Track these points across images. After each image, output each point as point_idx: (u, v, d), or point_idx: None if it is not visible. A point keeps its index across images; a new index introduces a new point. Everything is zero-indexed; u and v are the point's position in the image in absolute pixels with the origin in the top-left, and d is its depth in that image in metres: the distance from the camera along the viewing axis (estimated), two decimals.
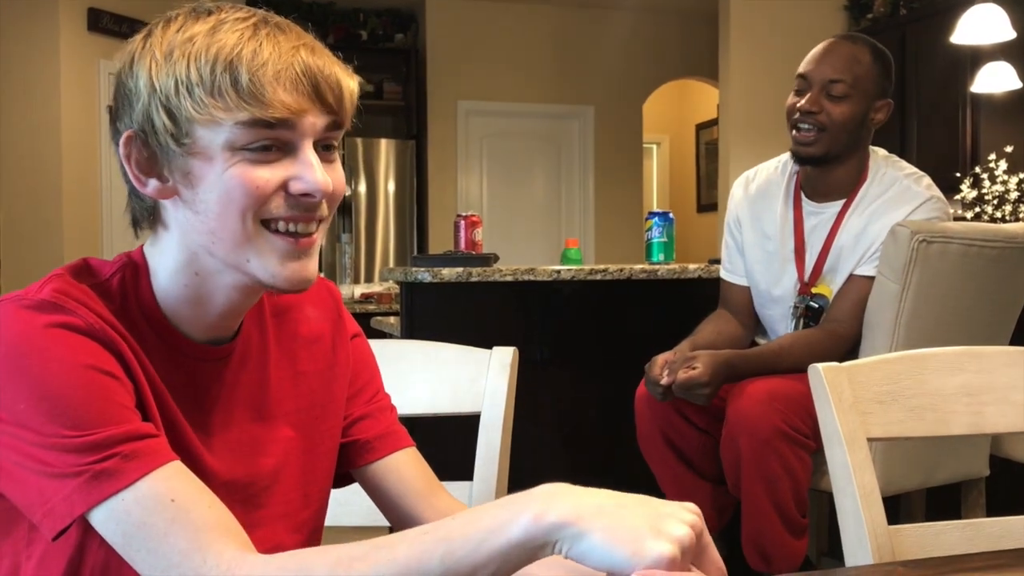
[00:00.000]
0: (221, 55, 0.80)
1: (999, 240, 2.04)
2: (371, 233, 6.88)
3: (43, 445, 0.76)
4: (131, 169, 0.85)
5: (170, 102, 0.81)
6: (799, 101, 2.15)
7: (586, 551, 0.69)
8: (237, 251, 0.84)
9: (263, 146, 0.82)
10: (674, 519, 0.69)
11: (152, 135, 0.82)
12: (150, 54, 0.83)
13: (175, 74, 0.81)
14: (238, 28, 0.82)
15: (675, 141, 9.19)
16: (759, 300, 2.33)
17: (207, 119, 0.80)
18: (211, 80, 0.80)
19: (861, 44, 2.16)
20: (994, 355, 1.20)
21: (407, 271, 2.66)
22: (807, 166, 2.20)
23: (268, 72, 0.81)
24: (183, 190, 0.84)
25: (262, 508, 0.92)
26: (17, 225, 5.15)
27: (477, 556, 0.71)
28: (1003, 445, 2.27)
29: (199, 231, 0.84)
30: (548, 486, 0.73)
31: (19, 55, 5.13)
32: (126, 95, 0.84)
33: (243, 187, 0.82)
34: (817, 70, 2.14)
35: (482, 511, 0.73)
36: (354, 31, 6.98)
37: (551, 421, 2.81)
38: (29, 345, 0.78)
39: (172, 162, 0.83)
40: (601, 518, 0.69)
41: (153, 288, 0.88)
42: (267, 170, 0.83)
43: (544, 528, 0.69)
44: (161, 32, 0.84)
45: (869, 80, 2.14)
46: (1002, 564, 0.92)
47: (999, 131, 4.85)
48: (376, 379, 1.07)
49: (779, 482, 1.95)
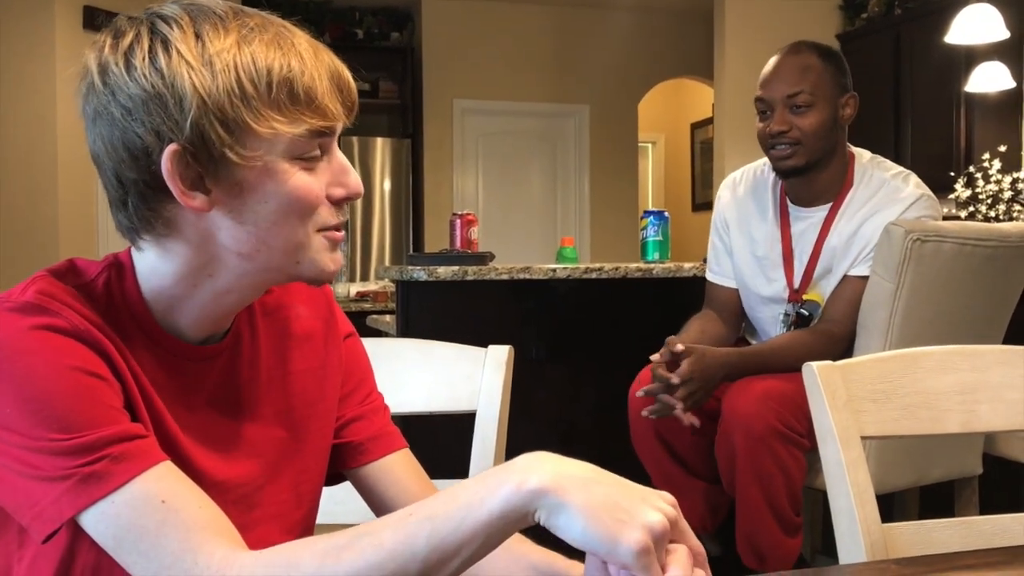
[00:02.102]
0: (273, 66, 0.80)
1: (993, 239, 2.04)
2: (367, 232, 6.87)
3: (31, 448, 0.76)
4: (177, 185, 0.80)
5: (225, 114, 0.79)
6: (767, 125, 2.16)
7: (563, 525, 0.69)
8: (286, 257, 0.85)
9: (315, 155, 0.83)
10: (649, 505, 0.70)
11: (202, 148, 0.79)
12: (183, 63, 0.78)
13: (226, 86, 0.78)
14: (266, 37, 0.81)
15: (670, 140, 9.19)
16: (749, 302, 2.33)
17: (268, 131, 0.80)
18: (267, 92, 0.80)
19: (806, 51, 2.16)
20: (987, 353, 1.20)
21: (403, 270, 2.66)
22: (791, 179, 2.21)
23: (318, 81, 0.82)
24: (228, 201, 0.82)
25: (254, 509, 0.92)
26: (13, 224, 5.14)
27: (461, 532, 0.71)
28: (996, 443, 2.27)
29: (240, 240, 0.83)
30: (528, 455, 0.73)
31: (14, 53, 5.12)
32: (158, 104, 0.79)
33: (306, 197, 0.83)
34: (774, 89, 2.15)
35: (463, 487, 0.73)
36: (350, 29, 6.97)
37: (546, 419, 2.81)
38: (14, 348, 0.77)
39: (221, 174, 0.81)
40: (581, 491, 0.69)
41: (141, 288, 0.87)
42: (314, 177, 0.84)
43: (524, 496, 0.70)
44: (180, 37, 0.79)
45: (826, 82, 2.14)
46: (995, 562, 0.93)
47: (993, 131, 4.86)
48: (369, 379, 1.06)
49: (773, 480, 1.96)
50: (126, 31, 0.82)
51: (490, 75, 7.06)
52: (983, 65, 4.58)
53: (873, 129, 5.04)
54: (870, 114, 4.73)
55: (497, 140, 7.21)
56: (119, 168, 0.82)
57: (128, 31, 0.82)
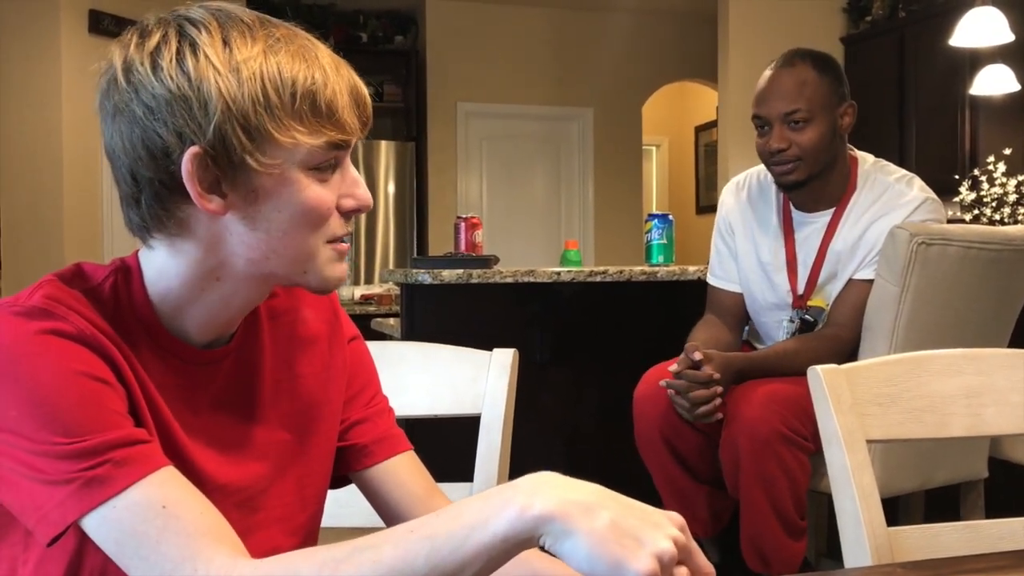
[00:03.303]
0: (297, 78, 0.81)
1: (997, 242, 2.04)
2: (371, 235, 6.87)
3: (35, 452, 0.76)
4: (195, 187, 0.81)
5: (248, 121, 0.80)
6: (766, 142, 2.15)
7: (569, 552, 0.68)
8: (294, 265, 0.87)
9: (331, 165, 0.85)
10: (658, 531, 0.69)
11: (223, 153, 0.80)
12: (210, 67, 0.79)
13: (251, 93, 0.80)
14: (292, 48, 0.82)
15: (674, 143, 9.19)
16: (753, 307, 2.32)
17: (289, 140, 0.81)
18: (291, 102, 0.81)
19: (801, 63, 2.14)
20: (993, 357, 1.20)
21: (407, 273, 2.66)
22: (794, 191, 2.20)
23: (339, 96, 0.83)
24: (243, 206, 0.83)
25: (258, 512, 0.92)
26: (18, 227, 5.15)
27: (462, 553, 0.70)
28: (1002, 447, 2.27)
29: (251, 246, 0.84)
30: (533, 477, 0.72)
31: (20, 57, 5.13)
32: (183, 106, 0.79)
33: (318, 208, 0.85)
34: (770, 107, 2.13)
35: (466, 506, 0.73)
36: (354, 33, 6.98)
37: (551, 422, 2.81)
38: (19, 352, 0.78)
39: (238, 179, 0.82)
40: (587, 518, 0.68)
41: (148, 291, 0.87)
42: (327, 189, 0.85)
43: (529, 522, 0.69)
44: (208, 41, 0.80)
45: (823, 96, 2.12)
46: (1001, 566, 0.93)
47: (998, 134, 4.85)
48: (374, 382, 1.07)
49: (777, 484, 1.96)
50: (153, 31, 0.82)
51: (494, 78, 7.06)
52: (988, 68, 4.57)
53: (878, 132, 5.04)
54: (874, 117, 4.74)
55: (501, 143, 7.21)
56: (135, 166, 0.82)
57: (155, 32, 0.82)
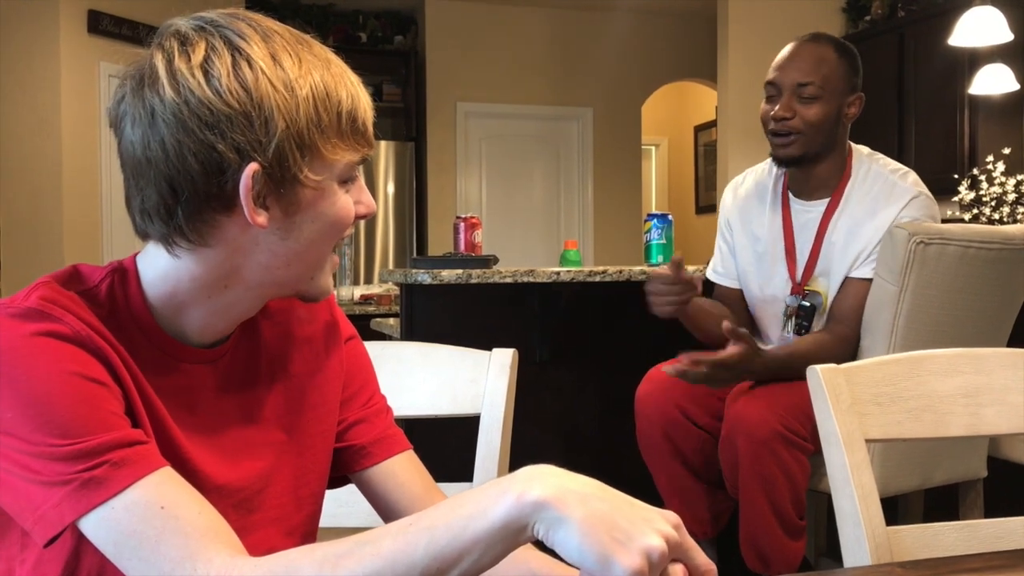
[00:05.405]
0: (342, 98, 0.85)
1: (996, 241, 2.04)
2: (370, 235, 6.88)
3: (32, 454, 0.76)
4: (248, 203, 0.81)
5: (303, 139, 0.83)
6: (771, 108, 2.16)
7: (561, 540, 0.68)
8: (307, 272, 0.90)
9: (352, 177, 0.89)
10: (650, 527, 0.68)
11: (278, 169, 0.82)
12: (268, 84, 0.81)
13: (307, 113, 0.82)
14: (332, 70, 0.86)
15: (674, 143, 9.19)
16: (752, 301, 2.33)
17: (335, 157, 0.85)
18: (337, 121, 0.85)
19: (825, 43, 2.17)
20: (992, 356, 1.20)
21: (407, 273, 2.66)
22: (788, 168, 2.21)
23: (368, 113, 0.88)
24: (282, 218, 0.85)
25: (255, 512, 0.92)
26: (18, 227, 5.15)
27: (461, 542, 0.70)
28: (1001, 446, 2.27)
29: (277, 255, 0.86)
30: (531, 468, 0.72)
31: (19, 57, 5.13)
32: (244, 123, 0.80)
33: (347, 217, 0.89)
34: (785, 75, 2.15)
35: (464, 497, 0.73)
36: (353, 33, 6.98)
37: (551, 422, 2.81)
38: (15, 353, 0.78)
39: (285, 193, 0.83)
40: (581, 507, 0.68)
41: (146, 294, 0.87)
42: (350, 198, 0.89)
43: (525, 507, 0.69)
44: (260, 55, 0.81)
45: (837, 78, 2.14)
46: (999, 565, 0.93)
47: (997, 133, 4.85)
48: (372, 382, 1.06)
49: (776, 484, 1.96)
50: (195, 40, 0.81)
51: (493, 78, 7.06)
52: (987, 67, 4.57)
53: (877, 131, 5.03)
54: (874, 116, 4.73)
55: (500, 143, 7.21)
56: (178, 177, 0.81)
57: (198, 41, 0.81)
